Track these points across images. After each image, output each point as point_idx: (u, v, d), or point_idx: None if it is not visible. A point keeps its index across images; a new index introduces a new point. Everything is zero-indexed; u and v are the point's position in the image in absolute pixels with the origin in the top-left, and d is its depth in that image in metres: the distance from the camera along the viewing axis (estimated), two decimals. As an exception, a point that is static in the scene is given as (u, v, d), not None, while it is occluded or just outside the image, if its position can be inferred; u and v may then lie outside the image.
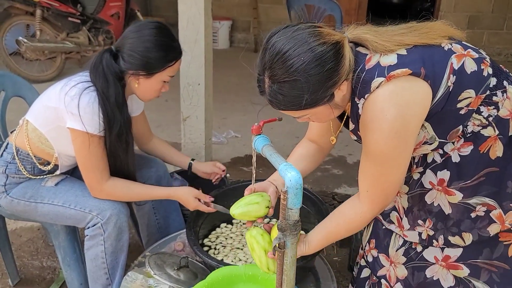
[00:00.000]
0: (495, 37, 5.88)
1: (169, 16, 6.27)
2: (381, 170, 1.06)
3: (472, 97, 1.04)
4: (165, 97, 4.01)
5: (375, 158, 1.05)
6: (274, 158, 1.02)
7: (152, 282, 1.48)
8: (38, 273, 2.02)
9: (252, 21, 6.62)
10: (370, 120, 1.01)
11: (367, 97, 1.01)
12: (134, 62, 1.46)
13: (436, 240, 1.18)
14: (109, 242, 1.52)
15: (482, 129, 1.08)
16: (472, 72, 1.04)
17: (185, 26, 2.27)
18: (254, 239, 1.14)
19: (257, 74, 1.04)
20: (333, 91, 0.99)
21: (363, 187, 1.12)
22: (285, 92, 0.97)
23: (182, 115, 2.45)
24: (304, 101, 0.97)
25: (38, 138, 1.54)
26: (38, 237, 2.26)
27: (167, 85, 1.57)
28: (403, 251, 1.25)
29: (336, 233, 1.18)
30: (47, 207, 1.54)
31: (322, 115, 1.08)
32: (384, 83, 0.98)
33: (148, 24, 1.49)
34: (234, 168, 2.86)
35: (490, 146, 1.08)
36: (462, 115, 1.05)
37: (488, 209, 1.11)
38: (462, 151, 1.09)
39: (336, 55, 0.96)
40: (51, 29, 4.49)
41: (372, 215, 1.14)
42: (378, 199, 1.11)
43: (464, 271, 1.18)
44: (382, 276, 1.33)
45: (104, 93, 1.44)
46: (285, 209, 0.91)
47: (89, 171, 1.49)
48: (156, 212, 1.87)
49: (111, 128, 1.45)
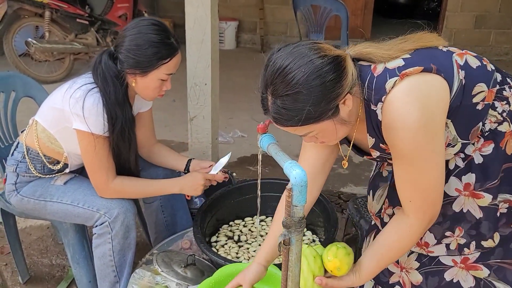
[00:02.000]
0: (503, 36, 5.83)
1: (177, 17, 6.31)
2: (418, 172, 1.02)
3: (485, 91, 1.04)
4: (172, 97, 4.05)
5: (407, 161, 1.01)
6: (280, 156, 1.03)
7: (159, 279, 1.50)
8: (48, 271, 2.05)
9: (258, 21, 6.64)
10: (393, 120, 0.98)
11: (384, 99, 0.99)
12: (128, 61, 1.46)
13: (468, 247, 1.14)
14: (117, 240, 1.54)
15: (499, 126, 1.08)
16: (477, 67, 1.05)
17: (192, 27, 2.29)
18: (306, 259, 1.07)
19: (261, 93, 1.03)
20: (337, 103, 0.97)
21: (405, 198, 1.07)
22: (288, 106, 0.96)
23: (189, 115, 2.47)
24: (307, 114, 0.95)
25: (48, 138, 1.57)
26: (48, 235, 2.29)
27: (167, 83, 1.54)
28: (416, 257, 1.22)
29: (388, 257, 1.11)
30: (56, 206, 1.57)
31: (329, 133, 1.04)
32: (398, 81, 0.97)
33: (143, 21, 1.48)
34: (240, 168, 2.87)
35: (507, 141, 1.08)
36: (480, 110, 1.05)
37: (510, 206, 1.10)
38: (484, 150, 1.08)
39: (337, 67, 0.96)
40: (60, 30, 4.54)
41: (423, 227, 1.06)
42: (424, 207, 1.05)
43: (484, 271, 1.16)
44: (395, 283, 1.28)
45: (105, 92, 1.45)
46: (290, 206, 0.92)
47: (96, 172, 1.51)
48: (164, 210, 1.89)
49: (114, 126, 1.47)
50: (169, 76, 1.53)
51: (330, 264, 1.06)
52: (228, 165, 2.58)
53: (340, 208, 2.56)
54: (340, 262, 1.05)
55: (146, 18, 1.53)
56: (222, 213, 1.87)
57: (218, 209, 1.85)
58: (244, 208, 1.91)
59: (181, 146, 3.19)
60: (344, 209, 2.54)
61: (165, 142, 3.22)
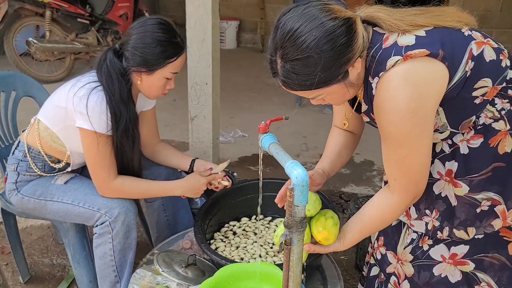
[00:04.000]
0: (504, 35, 5.82)
1: (178, 17, 6.30)
2: (404, 153, 1.02)
3: (488, 87, 1.03)
4: (173, 97, 4.05)
5: (394, 141, 1.02)
6: (281, 156, 1.03)
7: (160, 279, 1.49)
8: (48, 271, 2.04)
9: (259, 21, 6.64)
10: (384, 100, 0.98)
11: (381, 76, 0.98)
12: (135, 59, 1.47)
13: (441, 231, 1.17)
14: (117, 240, 1.54)
15: (494, 122, 1.07)
16: (490, 61, 1.02)
17: (193, 26, 2.29)
18: None
19: (269, 56, 1.01)
20: (346, 68, 0.97)
21: (390, 176, 1.09)
22: (298, 71, 0.95)
23: (190, 115, 2.47)
24: (318, 79, 0.94)
25: (50, 136, 1.57)
26: (48, 235, 2.28)
27: (171, 82, 1.55)
28: (410, 249, 1.25)
29: (370, 227, 1.16)
30: (57, 205, 1.57)
31: (337, 95, 1.04)
32: (400, 61, 0.95)
33: (149, 20, 1.49)
34: (241, 167, 2.87)
35: (500, 140, 1.07)
36: (477, 104, 1.04)
37: (493, 204, 1.11)
38: (472, 143, 1.08)
39: (348, 31, 0.95)
40: (61, 30, 4.54)
41: (406, 205, 1.10)
42: (408, 186, 1.07)
43: (470, 265, 1.18)
44: (391, 273, 1.33)
45: (110, 90, 1.46)
46: (292, 206, 0.92)
47: (97, 170, 1.51)
48: (166, 209, 1.89)
49: (117, 124, 1.47)
50: (173, 75, 1.54)
51: (319, 235, 1.12)
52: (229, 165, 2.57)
53: (341, 208, 2.56)
54: (328, 233, 1.11)
55: (152, 17, 1.54)
56: (223, 213, 1.86)
57: (219, 209, 1.84)
58: (245, 208, 1.90)
59: (182, 145, 3.19)
60: (345, 209, 2.53)
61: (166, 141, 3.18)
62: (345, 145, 1.38)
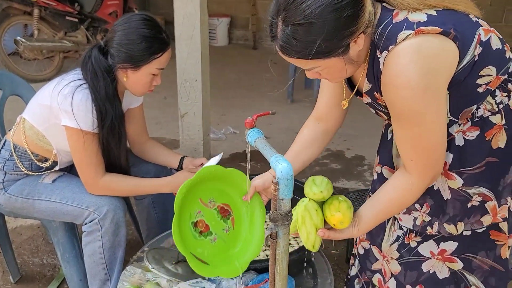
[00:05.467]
0: (494, 30, 5.87)
1: (168, 14, 6.25)
2: (419, 131, 0.98)
3: (492, 76, 1.01)
4: (163, 94, 4.04)
5: (408, 120, 0.98)
6: (266, 150, 1.03)
7: (150, 276, 1.49)
8: (39, 270, 2.03)
9: (250, 17, 6.62)
10: (394, 75, 0.94)
11: (390, 49, 0.93)
12: (120, 56, 1.46)
13: (431, 227, 1.15)
14: (107, 237, 1.54)
15: (491, 116, 1.06)
16: (496, 49, 1.01)
17: (181, 23, 2.28)
18: (308, 213, 1.05)
19: (270, 18, 0.96)
20: (349, 41, 0.93)
21: (406, 156, 1.04)
22: (298, 37, 0.91)
23: (180, 112, 2.46)
24: (317, 48, 0.90)
25: (36, 135, 1.56)
26: (38, 235, 2.27)
27: (158, 78, 1.55)
28: (397, 247, 1.23)
29: (387, 211, 1.10)
30: (44, 204, 1.56)
31: (334, 70, 1.00)
32: (412, 36, 0.92)
33: (134, 17, 1.49)
34: (232, 164, 2.86)
35: (494, 134, 1.06)
36: (479, 93, 1.02)
37: (484, 200, 1.10)
38: (468, 135, 1.07)
39: (355, 3, 0.91)
40: (49, 28, 4.51)
41: (425, 186, 1.06)
42: (426, 167, 1.03)
43: (458, 264, 1.18)
44: (377, 271, 1.30)
45: (95, 88, 1.45)
46: (277, 200, 0.92)
47: (85, 168, 1.51)
48: (156, 206, 1.88)
49: (103, 122, 1.46)
50: (159, 71, 1.54)
51: (334, 218, 1.06)
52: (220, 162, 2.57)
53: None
54: (343, 216, 1.05)
55: (137, 13, 1.54)
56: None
57: (209, 205, 1.84)
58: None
59: (173, 143, 3.18)
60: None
61: (157, 139, 3.19)
62: (317, 143, 1.34)
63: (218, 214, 1.47)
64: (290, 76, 4.01)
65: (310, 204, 1.06)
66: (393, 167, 1.23)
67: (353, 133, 3.26)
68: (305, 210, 1.05)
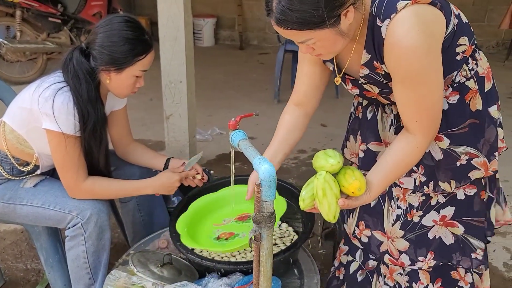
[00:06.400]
0: (477, 29, 5.88)
1: (153, 15, 6.21)
2: (424, 91, 1.07)
3: (466, 45, 1.14)
4: (149, 96, 4.01)
5: (414, 80, 1.06)
6: (249, 152, 1.03)
7: (135, 279, 1.48)
8: (23, 276, 2.00)
9: (236, 18, 6.61)
10: (401, 39, 1.01)
11: (393, 17, 1.02)
12: (103, 58, 1.45)
13: (427, 186, 1.26)
14: (90, 241, 1.52)
15: (466, 81, 1.18)
16: (466, 23, 1.15)
17: (165, 24, 2.27)
18: (328, 184, 1.06)
19: None
20: (339, 12, 1.00)
21: (410, 119, 1.12)
22: (293, 7, 0.97)
23: (165, 113, 2.45)
24: (311, 17, 0.97)
25: (17, 139, 1.53)
26: (22, 239, 2.24)
27: (141, 80, 1.55)
28: (400, 225, 1.32)
29: (396, 173, 1.17)
30: (26, 209, 1.53)
31: (328, 43, 1.06)
32: (409, 4, 1.01)
33: (116, 18, 1.48)
34: (219, 165, 2.86)
35: (471, 98, 1.19)
36: (458, 61, 1.15)
37: (470, 157, 1.22)
38: (450, 99, 1.18)
39: None
40: (32, 30, 4.44)
41: (428, 143, 1.15)
42: (429, 125, 1.12)
43: (459, 228, 1.31)
44: (385, 252, 1.39)
45: (77, 91, 1.43)
46: (260, 202, 0.92)
47: (66, 172, 1.49)
48: (141, 209, 1.87)
49: (86, 125, 1.45)
50: (143, 73, 1.53)
51: (352, 186, 1.08)
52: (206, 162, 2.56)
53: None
54: (360, 183, 1.08)
55: (119, 15, 1.53)
56: (199, 211, 1.85)
57: (195, 207, 1.83)
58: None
59: (159, 145, 3.16)
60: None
61: (143, 141, 3.19)
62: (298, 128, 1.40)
63: (238, 221, 1.53)
64: (276, 76, 4.02)
65: (328, 176, 1.08)
66: (381, 141, 1.34)
67: (339, 133, 3.28)
68: (324, 182, 1.06)
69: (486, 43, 6.05)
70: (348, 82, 1.26)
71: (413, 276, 1.38)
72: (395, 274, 1.42)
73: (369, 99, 1.32)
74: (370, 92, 1.25)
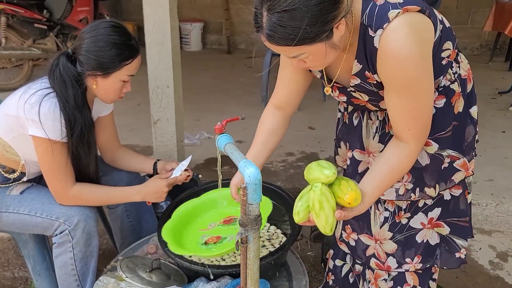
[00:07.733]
0: (460, 32, 6.05)
1: (140, 20, 6.18)
2: (417, 100, 1.07)
3: (450, 49, 1.16)
4: (137, 101, 3.99)
5: (409, 89, 1.06)
6: (235, 155, 1.04)
7: (124, 285, 1.47)
8: (10, 284, 1.98)
9: (224, 22, 6.63)
10: (396, 48, 1.01)
11: (385, 27, 1.02)
12: (89, 63, 1.45)
13: (414, 193, 1.27)
14: (78, 248, 1.51)
15: (451, 84, 1.20)
16: (449, 27, 1.17)
17: (151, 29, 2.27)
18: (325, 196, 1.04)
19: (254, 8, 1.01)
20: (332, 26, 0.98)
21: (402, 127, 1.12)
22: (284, 23, 0.95)
23: (153, 118, 2.45)
24: (303, 33, 0.95)
25: (2, 146, 1.52)
26: (9, 248, 2.21)
27: (128, 85, 1.55)
28: (388, 227, 1.33)
29: (389, 181, 1.15)
30: (12, 216, 1.52)
31: (319, 56, 1.05)
32: (400, 13, 1.01)
33: (102, 24, 1.48)
34: (207, 169, 2.86)
35: (456, 100, 1.21)
36: (443, 65, 1.16)
37: (452, 160, 1.25)
38: (437, 103, 1.20)
39: None
40: (17, 36, 4.40)
41: (420, 149, 1.16)
42: (421, 132, 1.13)
43: (445, 228, 1.33)
44: (371, 256, 1.39)
45: (63, 96, 1.43)
46: (246, 205, 0.93)
47: (54, 178, 1.48)
48: (129, 214, 1.86)
49: (73, 131, 1.45)
50: (130, 78, 1.53)
51: (348, 197, 1.06)
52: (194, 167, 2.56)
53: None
54: (356, 193, 1.06)
55: (105, 20, 1.52)
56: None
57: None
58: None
59: (147, 150, 3.15)
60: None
61: (131, 146, 3.17)
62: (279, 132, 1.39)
63: (224, 225, 1.54)
64: (264, 80, 4.03)
65: (324, 188, 1.06)
66: (364, 149, 1.34)
67: (326, 136, 3.30)
68: (321, 194, 1.04)
69: (470, 45, 6.15)
70: (336, 90, 1.26)
71: (398, 280, 1.39)
72: (379, 280, 1.41)
73: (356, 105, 1.31)
74: (359, 99, 1.24)
